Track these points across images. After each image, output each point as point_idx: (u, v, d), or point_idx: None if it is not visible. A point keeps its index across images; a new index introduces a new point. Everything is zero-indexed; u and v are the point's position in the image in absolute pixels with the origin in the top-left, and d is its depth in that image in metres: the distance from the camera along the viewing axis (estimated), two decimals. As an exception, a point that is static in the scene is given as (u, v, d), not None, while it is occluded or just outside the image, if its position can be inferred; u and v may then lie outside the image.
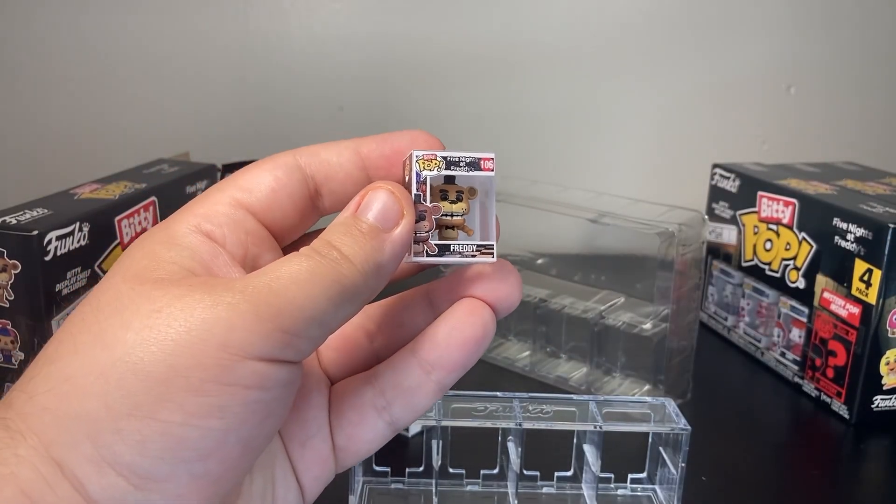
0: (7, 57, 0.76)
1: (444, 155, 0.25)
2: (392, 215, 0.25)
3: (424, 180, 0.25)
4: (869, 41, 0.77)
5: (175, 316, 0.21)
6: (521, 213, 0.51)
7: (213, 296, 0.21)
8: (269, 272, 0.22)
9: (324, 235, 0.24)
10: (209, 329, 0.21)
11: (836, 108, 0.79)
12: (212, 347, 0.21)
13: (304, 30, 0.76)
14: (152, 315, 0.21)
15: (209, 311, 0.21)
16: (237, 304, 0.21)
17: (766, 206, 0.55)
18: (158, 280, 0.22)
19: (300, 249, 0.24)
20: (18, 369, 0.39)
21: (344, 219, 0.25)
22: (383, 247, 0.24)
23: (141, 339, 0.21)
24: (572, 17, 0.75)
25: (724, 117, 0.78)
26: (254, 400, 0.22)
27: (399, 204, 0.25)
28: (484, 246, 0.25)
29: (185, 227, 0.24)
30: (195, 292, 0.21)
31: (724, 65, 0.77)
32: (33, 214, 0.39)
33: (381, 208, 0.25)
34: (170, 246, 0.24)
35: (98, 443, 0.21)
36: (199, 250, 0.24)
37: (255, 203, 0.25)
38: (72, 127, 0.78)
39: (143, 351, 0.21)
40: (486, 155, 0.26)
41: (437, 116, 0.78)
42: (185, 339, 0.21)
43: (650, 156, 0.79)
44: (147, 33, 0.76)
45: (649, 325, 0.48)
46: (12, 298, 0.38)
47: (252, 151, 0.64)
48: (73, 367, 0.21)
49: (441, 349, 0.26)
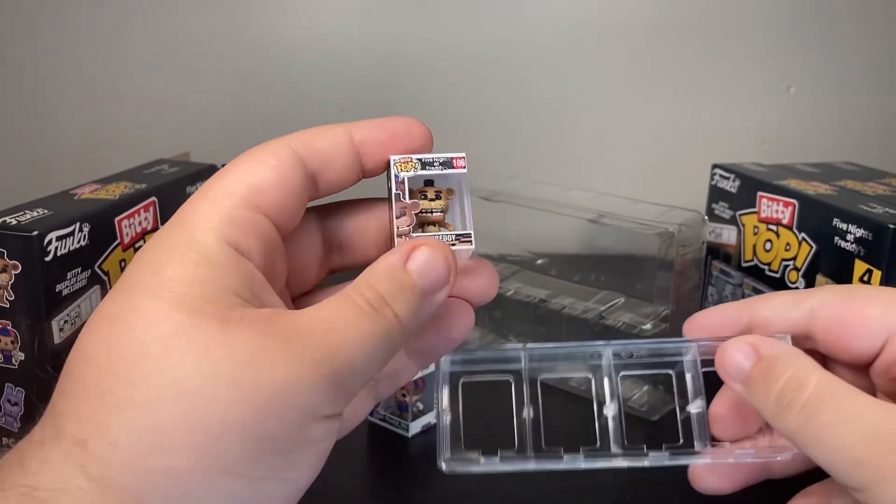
0: (7, 57, 0.76)
1: (418, 157, 0.28)
2: (441, 283, 0.26)
3: (403, 180, 0.27)
4: (869, 41, 0.77)
5: (262, 373, 0.21)
6: (521, 213, 0.51)
7: (292, 353, 0.22)
8: (336, 330, 0.23)
9: (375, 285, 0.24)
10: (295, 393, 0.22)
11: (836, 108, 0.79)
12: (297, 411, 0.22)
13: (304, 30, 0.76)
14: (239, 368, 0.21)
15: (293, 373, 0.22)
16: (316, 367, 0.22)
17: (766, 206, 0.55)
18: (221, 317, 0.22)
19: (351, 294, 0.24)
20: (18, 369, 0.39)
21: (394, 271, 0.25)
22: (429, 310, 0.26)
23: (231, 396, 0.21)
24: (573, 17, 0.75)
25: (724, 117, 0.78)
26: (322, 451, 0.24)
27: (449, 272, 0.26)
28: (462, 235, 0.27)
29: (211, 238, 0.23)
30: (273, 344, 0.22)
31: (724, 65, 0.77)
32: (33, 215, 0.39)
33: (435, 275, 0.25)
34: (206, 265, 0.23)
35: (192, 499, 0.21)
36: (237, 270, 0.24)
37: (267, 204, 0.25)
38: (72, 127, 0.78)
39: (238, 410, 0.21)
40: (458, 154, 0.28)
41: (437, 116, 0.78)
42: (275, 401, 0.21)
43: (650, 156, 0.79)
44: (147, 33, 0.76)
45: (649, 325, 0.48)
46: (12, 299, 0.38)
47: (252, 151, 0.64)
48: (154, 416, 0.21)
49: (429, 346, 0.29)
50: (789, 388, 0.25)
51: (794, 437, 0.26)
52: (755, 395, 0.27)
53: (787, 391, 0.25)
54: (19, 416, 0.40)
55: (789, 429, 0.26)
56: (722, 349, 0.28)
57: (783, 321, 0.30)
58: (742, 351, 0.28)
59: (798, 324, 0.30)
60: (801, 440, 0.25)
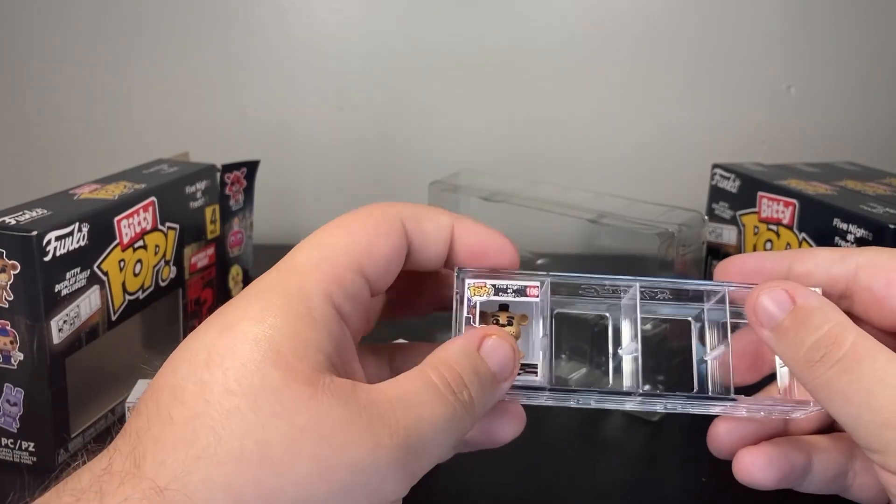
0: (7, 57, 0.76)
1: (493, 283, 0.28)
2: (509, 371, 0.26)
3: (475, 304, 0.27)
4: (869, 41, 0.77)
5: (345, 454, 0.21)
6: (521, 213, 0.51)
7: (373, 437, 0.22)
8: (416, 411, 0.23)
9: (454, 365, 0.25)
10: (370, 476, 0.22)
11: (836, 108, 0.78)
12: (369, 493, 0.22)
13: (304, 30, 0.76)
14: (322, 444, 0.21)
15: (370, 457, 0.22)
16: (392, 453, 0.22)
17: (766, 206, 0.55)
18: (311, 381, 0.22)
19: (428, 372, 0.24)
20: (17, 369, 0.39)
21: (470, 354, 0.25)
22: (496, 397, 0.26)
23: (311, 471, 0.21)
24: (573, 18, 0.75)
25: (724, 117, 0.78)
26: None
27: (515, 362, 0.26)
28: (528, 365, 0.28)
29: (320, 295, 0.24)
30: (356, 420, 0.22)
31: (724, 65, 0.77)
32: (32, 215, 0.39)
33: (504, 363, 0.26)
34: (309, 321, 0.23)
35: None
36: (335, 334, 0.24)
37: (372, 274, 0.26)
38: (72, 127, 0.78)
39: (313, 487, 0.21)
40: (532, 283, 0.28)
41: (437, 117, 0.78)
42: (350, 481, 0.21)
43: (650, 156, 0.79)
44: (146, 33, 0.76)
45: (649, 325, 0.48)
46: (11, 299, 0.38)
47: (252, 152, 0.64)
48: (233, 475, 0.21)
49: (475, 443, 0.29)
50: (825, 342, 0.25)
51: (820, 391, 0.25)
52: (785, 343, 0.26)
53: (822, 344, 0.25)
54: (18, 416, 0.40)
55: (818, 382, 0.25)
56: (756, 291, 0.27)
57: (825, 276, 0.29)
58: (777, 297, 0.26)
59: (839, 280, 0.29)
60: (827, 395, 0.25)
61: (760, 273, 0.30)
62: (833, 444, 0.30)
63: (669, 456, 0.46)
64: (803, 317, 0.26)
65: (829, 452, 0.29)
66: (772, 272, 0.30)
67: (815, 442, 0.30)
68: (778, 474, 0.28)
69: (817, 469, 0.29)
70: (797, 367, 0.26)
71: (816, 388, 0.25)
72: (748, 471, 0.29)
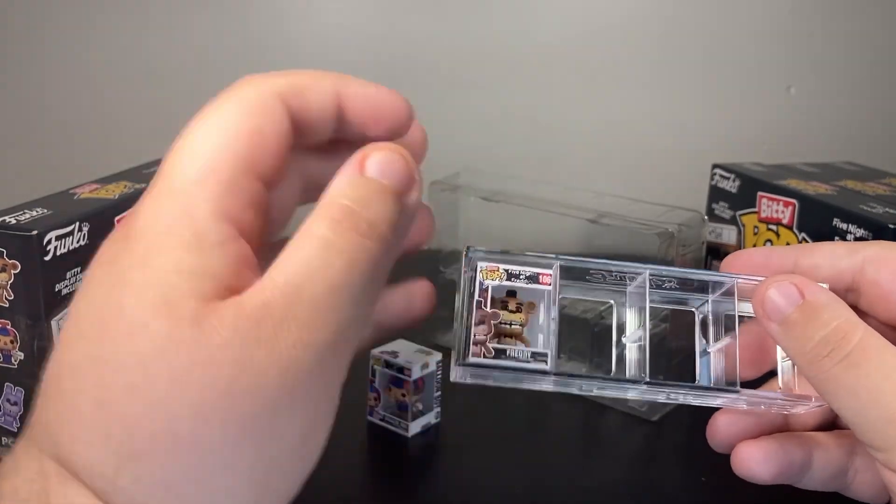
0: (7, 57, 0.76)
1: (506, 268, 0.27)
2: (407, 180, 0.24)
3: (487, 288, 0.27)
4: (869, 41, 0.77)
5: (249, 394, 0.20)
6: (521, 213, 0.51)
7: (276, 353, 0.20)
8: (312, 299, 0.21)
9: (343, 200, 0.22)
10: (293, 389, 0.21)
11: (836, 108, 0.79)
12: (308, 406, 0.22)
13: (303, 30, 0.76)
14: (222, 395, 0.20)
15: (282, 377, 0.20)
16: (305, 350, 0.21)
17: (766, 206, 0.55)
18: (200, 321, 0.20)
19: (319, 226, 0.21)
20: (18, 369, 0.39)
21: (354, 179, 0.23)
22: (407, 214, 0.24)
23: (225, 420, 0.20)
24: (573, 18, 0.75)
25: (724, 117, 0.78)
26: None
27: (411, 170, 0.24)
28: (538, 353, 0.27)
29: (211, 217, 0.21)
30: (257, 351, 0.20)
31: (724, 65, 0.77)
32: (33, 214, 0.39)
33: (399, 174, 0.23)
34: (199, 249, 0.21)
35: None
36: (231, 256, 0.21)
37: (265, 169, 0.23)
38: (72, 127, 0.78)
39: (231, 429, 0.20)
40: (545, 271, 0.27)
41: (437, 117, 0.78)
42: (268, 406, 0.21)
43: (650, 156, 0.79)
44: (147, 33, 0.76)
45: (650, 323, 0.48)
46: (12, 298, 0.38)
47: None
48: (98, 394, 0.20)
49: (392, 322, 0.28)
50: (834, 338, 0.25)
51: (826, 386, 0.25)
52: (792, 337, 0.26)
53: (830, 340, 0.25)
54: (18, 415, 0.40)
55: (824, 377, 0.25)
56: (764, 284, 0.27)
57: (832, 270, 0.29)
58: (786, 291, 0.26)
59: (846, 274, 0.29)
60: (833, 390, 0.25)
61: (767, 267, 0.30)
62: (834, 440, 0.30)
63: (669, 455, 0.46)
64: (812, 311, 0.26)
65: (829, 449, 0.29)
66: (778, 266, 0.29)
67: (816, 438, 0.30)
68: (776, 469, 0.28)
69: (817, 466, 0.29)
70: (804, 361, 0.26)
71: (822, 383, 0.25)
72: (746, 464, 0.29)
